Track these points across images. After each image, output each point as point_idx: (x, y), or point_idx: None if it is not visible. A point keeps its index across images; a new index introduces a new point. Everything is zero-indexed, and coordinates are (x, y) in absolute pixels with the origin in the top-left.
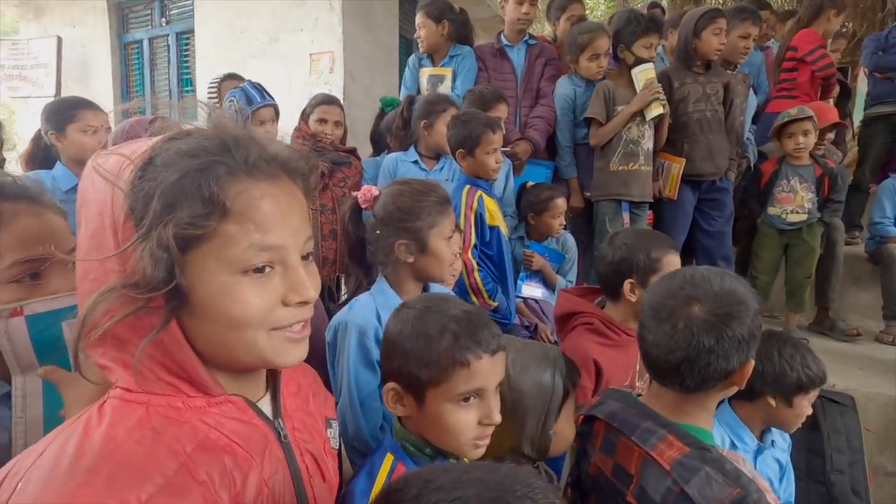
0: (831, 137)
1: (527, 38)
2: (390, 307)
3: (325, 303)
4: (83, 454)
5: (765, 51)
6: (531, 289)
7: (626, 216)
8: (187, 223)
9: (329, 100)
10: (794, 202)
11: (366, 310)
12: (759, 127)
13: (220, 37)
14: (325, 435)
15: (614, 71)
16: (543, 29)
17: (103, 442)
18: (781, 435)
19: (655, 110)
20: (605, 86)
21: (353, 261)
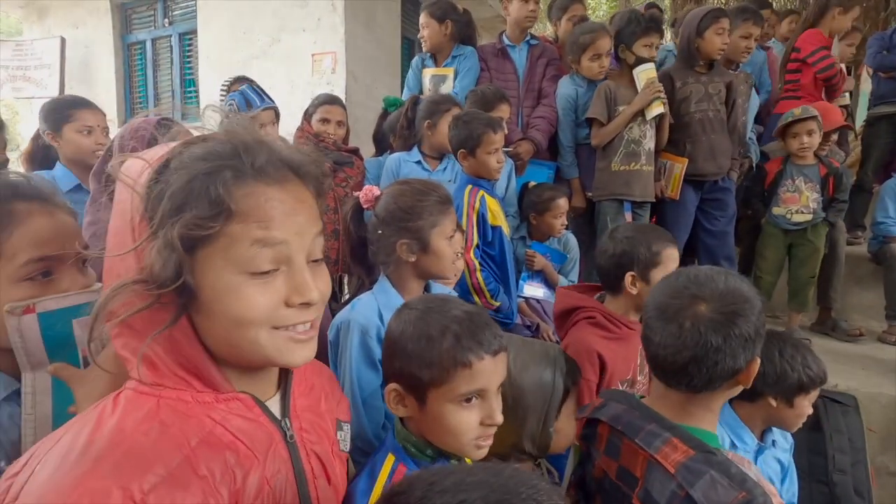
0: (835, 139)
1: (528, 38)
2: (392, 306)
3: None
4: (94, 442)
5: (766, 50)
6: (533, 289)
7: (628, 216)
8: (194, 224)
9: (332, 100)
10: (798, 202)
11: (368, 309)
12: (767, 128)
13: (223, 37)
14: (334, 437)
15: (615, 71)
16: (545, 29)
17: (113, 432)
18: (783, 435)
19: (656, 109)
20: (606, 86)
21: (354, 260)
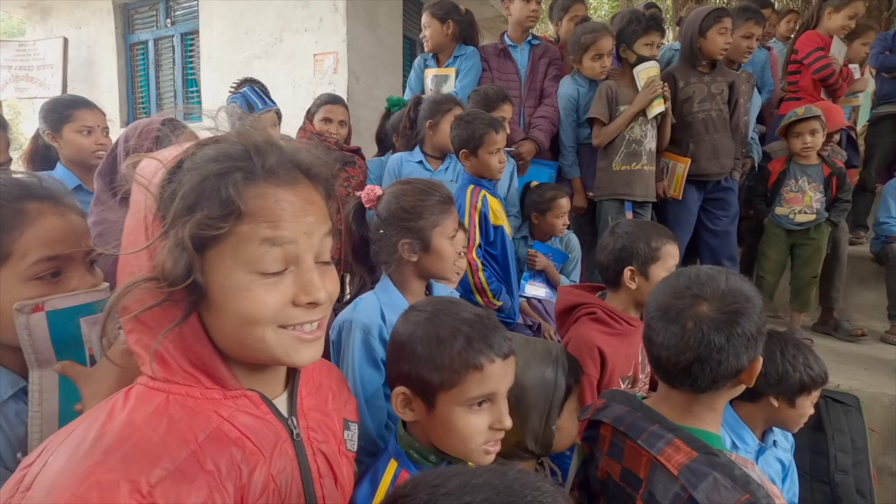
0: (837, 139)
1: (530, 38)
2: (394, 306)
3: None
4: (104, 435)
5: (768, 50)
6: (535, 288)
7: (629, 216)
8: (204, 224)
9: (334, 99)
10: (802, 202)
11: (370, 308)
12: (771, 128)
13: (225, 37)
14: (342, 436)
15: (617, 71)
16: (546, 29)
17: (123, 425)
18: (784, 435)
19: (657, 108)
20: (607, 86)
21: (356, 260)
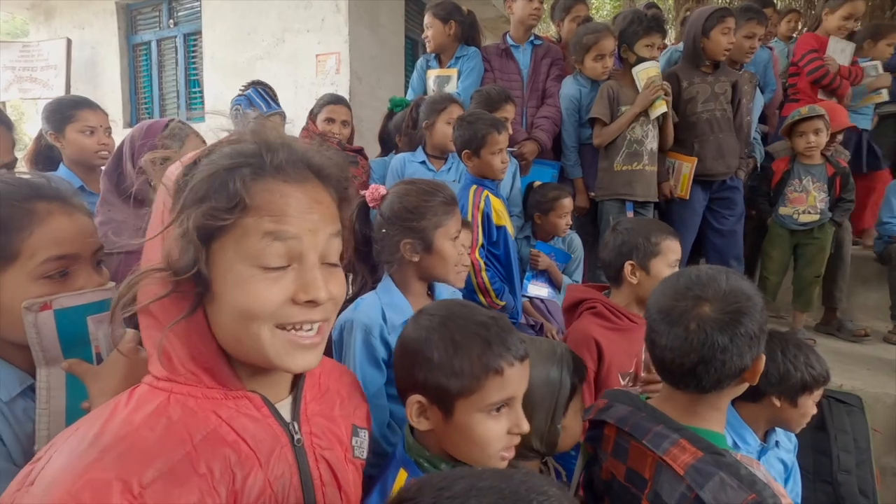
0: (840, 139)
1: (532, 38)
2: (396, 306)
3: None
4: (103, 433)
5: (770, 49)
6: (537, 288)
7: (631, 216)
8: (210, 215)
9: (337, 100)
10: (806, 202)
11: (371, 308)
12: (774, 129)
13: (227, 38)
14: (349, 443)
15: (618, 71)
16: (548, 30)
17: (121, 424)
18: (787, 435)
19: (659, 108)
20: (609, 86)
21: (359, 259)
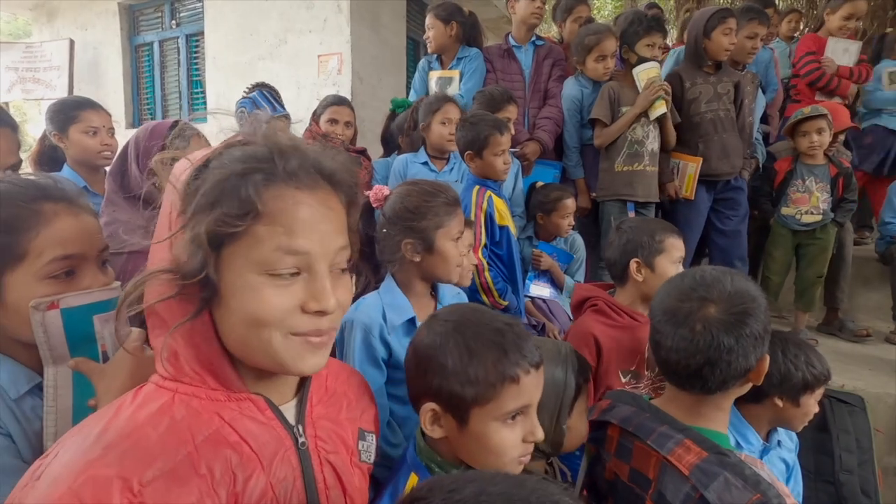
0: (842, 139)
1: (534, 38)
2: (397, 306)
3: None
4: (107, 431)
5: (772, 50)
6: (539, 288)
7: (632, 216)
8: (221, 221)
9: (340, 101)
10: (808, 203)
11: (372, 308)
12: (777, 129)
13: (230, 39)
14: (355, 447)
15: (620, 72)
16: (550, 30)
17: (125, 422)
18: (788, 435)
19: (659, 109)
20: (610, 87)
21: (362, 259)
